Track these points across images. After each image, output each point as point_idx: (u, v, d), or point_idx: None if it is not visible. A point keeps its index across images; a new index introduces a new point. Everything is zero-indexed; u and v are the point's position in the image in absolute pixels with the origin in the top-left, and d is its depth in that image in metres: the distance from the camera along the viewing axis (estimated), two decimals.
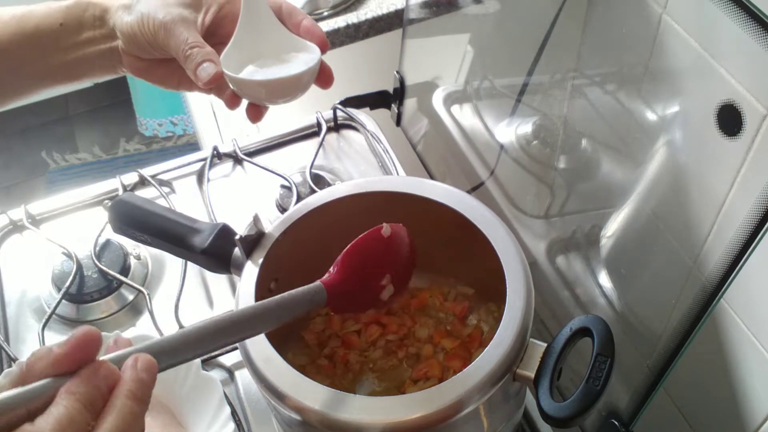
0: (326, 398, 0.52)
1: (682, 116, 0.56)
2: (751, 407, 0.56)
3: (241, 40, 0.60)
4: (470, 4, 0.89)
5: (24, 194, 2.34)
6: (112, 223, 0.68)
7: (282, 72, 0.59)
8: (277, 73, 0.59)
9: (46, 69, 0.64)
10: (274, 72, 0.60)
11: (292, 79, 0.59)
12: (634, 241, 0.66)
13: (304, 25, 0.61)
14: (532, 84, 0.80)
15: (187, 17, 0.59)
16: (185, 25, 0.58)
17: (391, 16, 1.23)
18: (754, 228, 0.48)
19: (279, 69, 0.60)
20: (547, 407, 0.51)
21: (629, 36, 0.60)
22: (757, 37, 0.45)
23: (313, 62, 0.60)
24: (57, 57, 0.62)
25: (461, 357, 0.68)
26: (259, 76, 0.60)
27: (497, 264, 0.59)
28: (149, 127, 2.39)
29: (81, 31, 0.61)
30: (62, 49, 0.62)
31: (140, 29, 0.59)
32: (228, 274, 0.72)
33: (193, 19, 0.59)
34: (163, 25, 0.58)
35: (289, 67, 0.60)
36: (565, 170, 0.78)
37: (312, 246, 0.66)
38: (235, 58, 0.60)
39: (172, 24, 0.58)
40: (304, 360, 0.69)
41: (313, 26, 0.62)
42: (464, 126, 0.95)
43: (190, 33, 0.58)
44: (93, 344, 0.38)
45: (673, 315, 0.58)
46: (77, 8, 0.61)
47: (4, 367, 0.77)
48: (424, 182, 0.67)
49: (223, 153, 0.99)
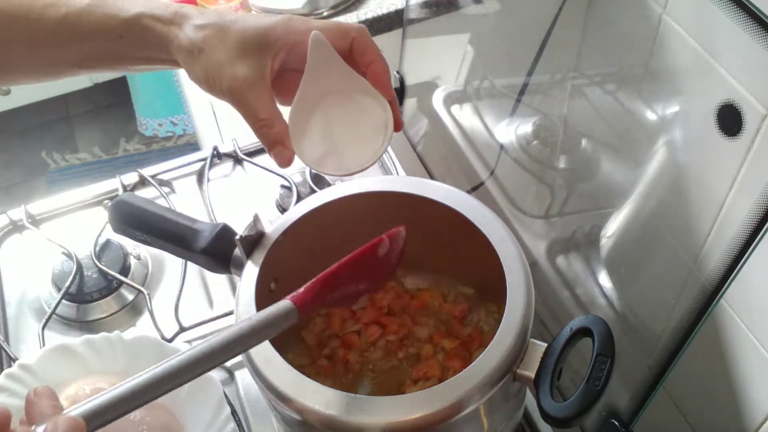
0: (326, 398, 0.52)
1: (682, 116, 0.56)
2: (751, 407, 0.56)
3: (306, 94, 0.56)
4: (470, 4, 0.89)
5: (24, 194, 2.34)
6: (112, 223, 0.68)
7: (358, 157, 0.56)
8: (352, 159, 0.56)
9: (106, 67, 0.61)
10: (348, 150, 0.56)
11: (367, 166, 0.56)
12: (634, 241, 0.66)
13: (372, 71, 0.56)
14: (532, 84, 0.80)
15: (254, 78, 0.54)
16: (254, 92, 0.54)
17: (391, 16, 1.23)
18: (754, 228, 0.48)
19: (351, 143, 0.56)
20: (548, 407, 0.51)
21: (629, 36, 0.60)
22: (757, 37, 0.45)
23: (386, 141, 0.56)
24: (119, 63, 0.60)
25: (461, 357, 0.68)
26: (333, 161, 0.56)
27: (497, 264, 0.59)
28: (149, 127, 2.39)
29: (144, 49, 0.58)
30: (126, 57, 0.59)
31: (209, 86, 0.56)
32: (228, 274, 0.72)
33: (261, 76, 0.54)
34: (230, 92, 0.54)
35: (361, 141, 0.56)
36: (565, 170, 0.78)
37: (312, 246, 0.66)
38: (302, 113, 0.56)
39: (239, 94, 0.54)
40: (304, 360, 0.69)
41: (382, 73, 0.56)
42: (464, 126, 0.95)
43: (259, 103, 0.54)
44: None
45: (673, 315, 0.58)
46: (136, 27, 0.57)
47: (4, 367, 0.77)
48: (424, 182, 0.67)
49: (223, 153, 0.99)
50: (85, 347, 0.73)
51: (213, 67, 0.54)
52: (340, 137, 0.57)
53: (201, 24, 0.55)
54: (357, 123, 0.57)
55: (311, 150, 0.56)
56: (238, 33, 0.55)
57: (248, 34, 0.55)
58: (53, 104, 2.60)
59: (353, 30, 0.56)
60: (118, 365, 0.72)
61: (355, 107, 0.57)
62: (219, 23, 0.55)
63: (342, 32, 0.56)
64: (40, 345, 0.78)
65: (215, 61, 0.54)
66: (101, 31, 0.57)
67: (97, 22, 0.57)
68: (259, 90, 0.54)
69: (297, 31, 0.55)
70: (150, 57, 0.58)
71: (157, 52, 0.58)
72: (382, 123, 0.56)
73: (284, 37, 0.55)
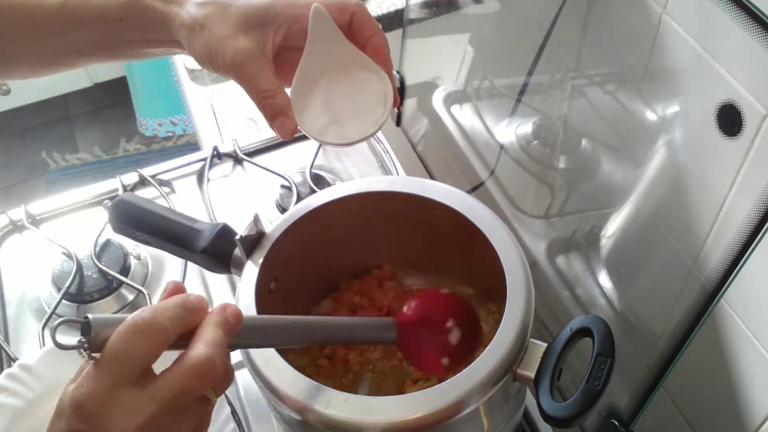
0: (326, 398, 0.52)
1: (682, 116, 0.56)
2: (751, 407, 0.56)
3: (308, 67, 0.57)
4: (470, 4, 0.89)
5: (24, 194, 2.34)
6: (112, 223, 0.68)
7: (359, 127, 0.57)
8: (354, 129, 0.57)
9: (106, 54, 0.61)
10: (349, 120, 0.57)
11: (369, 135, 0.57)
12: (634, 241, 0.66)
13: (372, 45, 0.57)
14: (532, 84, 0.79)
15: (256, 52, 0.55)
16: (256, 64, 0.55)
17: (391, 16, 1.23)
18: (754, 228, 0.48)
19: (352, 114, 0.57)
20: (548, 407, 0.51)
21: (629, 36, 0.60)
22: (757, 37, 0.45)
23: (386, 111, 0.57)
24: (120, 48, 0.60)
25: None
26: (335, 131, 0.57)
27: (497, 264, 0.59)
28: (149, 127, 2.39)
29: (144, 31, 0.58)
30: (125, 42, 0.59)
31: (210, 62, 0.56)
32: (228, 274, 0.72)
33: (262, 50, 0.55)
34: (232, 66, 0.55)
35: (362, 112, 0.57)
36: (565, 170, 0.78)
37: (312, 246, 0.66)
38: (303, 87, 0.57)
39: (242, 66, 0.55)
40: (304, 360, 0.69)
41: (382, 47, 0.57)
42: (464, 126, 0.95)
43: (262, 75, 0.55)
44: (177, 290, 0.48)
45: (673, 315, 0.58)
46: (136, 7, 0.57)
47: (4, 367, 0.77)
48: (424, 182, 0.67)
49: (223, 153, 0.99)
50: None
51: (215, 42, 0.55)
52: (341, 108, 0.58)
53: (202, 1, 0.56)
54: (357, 95, 0.58)
55: (313, 121, 0.57)
56: (240, 9, 0.56)
57: (250, 9, 0.55)
58: (53, 104, 2.61)
59: (352, 4, 0.57)
60: None
61: (356, 80, 0.58)
62: (220, 0, 0.56)
63: (341, 6, 0.56)
64: (40, 345, 0.78)
65: (217, 36, 0.55)
66: (100, 15, 0.58)
67: (96, 6, 0.58)
68: (261, 62, 0.55)
69: (298, 6, 0.56)
70: (151, 39, 0.59)
71: (157, 34, 0.58)
72: (382, 94, 0.57)
73: (285, 12, 0.56)
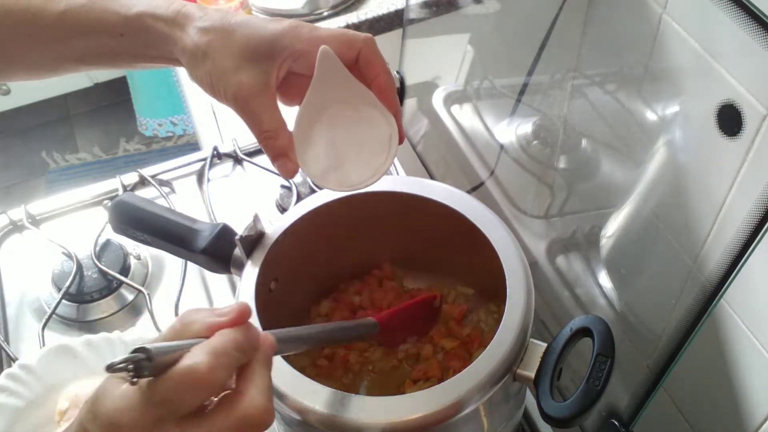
0: (326, 398, 0.52)
1: (682, 116, 0.56)
2: (751, 407, 0.56)
3: (312, 105, 0.55)
4: (470, 4, 0.89)
5: (24, 194, 2.34)
6: (112, 223, 0.68)
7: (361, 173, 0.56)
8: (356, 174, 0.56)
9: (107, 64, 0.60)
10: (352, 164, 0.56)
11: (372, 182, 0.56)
12: (634, 241, 0.66)
13: (378, 85, 0.55)
14: (532, 84, 0.80)
15: (260, 87, 0.53)
16: (259, 101, 0.53)
17: (391, 16, 1.23)
18: (754, 228, 0.48)
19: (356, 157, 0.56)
20: (547, 407, 0.51)
21: (629, 36, 0.60)
22: (757, 37, 0.45)
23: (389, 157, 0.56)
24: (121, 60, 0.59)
25: (461, 357, 0.68)
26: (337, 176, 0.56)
27: (497, 264, 0.59)
28: (149, 127, 2.39)
29: (146, 48, 0.57)
30: (127, 54, 0.58)
31: (212, 92, 0.55)
32: (228, 274, 0.72)
33: (266, 85, 0.53)
34: (234, 100, 0.53)
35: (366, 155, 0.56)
36: (565, 170, 0.78)
37: (312, 246, 0.66)
38: (307, 124, 0.56)
39: (244, 102, 0.53)
40: (305, 361, 0.69)
41: (388, 87, 0.55)
42: (464, 126, 0.95)
43: (264, 113, 0.53)
44: (248, 316, 0.42)
45: (673, 315, 0.58)
46: (137, 26, 0.56)
47: (4, 367, 0.77)
48: (424, 182, 0.67)
49: (223, 153, 0.99)
50: (85, 347, 0.73)
51: (217, 73, 0.53)
52: (344, 151, 0.56)
53: (205, 27, 0.54)
54: (362, 136, 0.56)
55: (315, 163, 0.55)
56: (244, 39, 0.53)
57: (254, 40, 0.53)
58: (53, 104, 2.61)
59: (360, 41, 0.55)
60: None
61: (361, 120, 0.56)
62: (223, 27, 0.54)
63: (349, 42, 0.55)
64: (40, 345, 0.78)
65: (220, 67, 0.53)
66: (102, 29, 0.56)
67: (97, 19, 0.56)
68: (263, 99, 0.53)
69: (304, 40, 0.54)
70: (152, 56, 0.58)
71: (159, 52, 0.57)
72: (387, 137, 0.56)
73: (291, 46, 0.54)
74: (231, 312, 0.41)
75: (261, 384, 0.41)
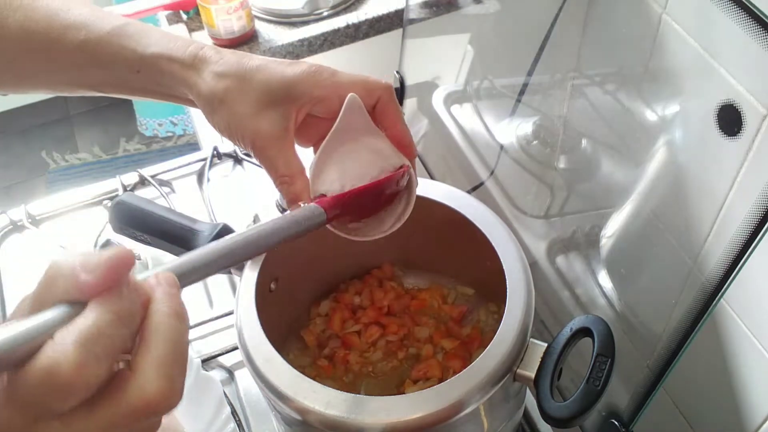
0: (326, 398, 0.52)
1: (682, 116, 0.56)
2: (751, 407, 0.56)
3: (331, 149, 0.55)
4: (470, 4, 0.89)
5: (24, 194, 2.34)
6: (112, 223, 0.68)
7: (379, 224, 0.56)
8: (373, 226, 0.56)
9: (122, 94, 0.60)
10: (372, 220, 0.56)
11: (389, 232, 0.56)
12: (634, 241, 0.66)
13: (394, 134, 0.55)
14: (532, 84, 0.80)
15: (278, 133, 0.53)
16: (276, 147, 0.53)
17: (391, 16, 1.23)
18: (754, 228, 0.48)
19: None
20: (548, 407, 0.51)
21: (629, 36, 0.60)
22: (757, 37, 0.45)
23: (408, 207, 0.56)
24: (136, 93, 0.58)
25: (461, 357, 0.68)
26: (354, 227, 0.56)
27: (497, 264, 0.59)
28: (149, 127, 2.39)
29: (162, 86, 0.56)
30: (143, 90, 0.58)
31: (230, 137, 0.54)
32: (228, 274, 0.72)
33: (285, 130, 0.53)
34: (252, 147, 0.53)
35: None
36: (565, 170, 0.78)
37: (312, 246, 0.66)
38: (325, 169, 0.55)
39: (262, 149, 0.53)
40: (305, 361, 0.69)
41: (404, 136, 0.56)
42: (464, 126, 0.95)
43: (281, 159, 0.53)
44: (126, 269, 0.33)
45: (673, 315, 0.58)
46: (153, 67, 0.55)
47: None
48: (424, 182, 0.67)
49: (223, 153, 0.99)
50: None
51: (235, 119, 0.53)
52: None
53: (221, 72, 0.53)
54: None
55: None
56: (262, 84, 0.53)
57: (272, 86, 0.53)
58: (53, 104, 2.61)
59: (380, 88, 0.54)
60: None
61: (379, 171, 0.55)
62: (240, 72, 0.53)
63: (369, 90, 0.54)
64: None
65: (237, 113, 0.53)
66: (119, 63, 0.56)
67: (115, 54, 0.56)
68: (282, 145, 0.53)
69: (323, 86, 0.53)
70: (168, 94, 0.57)
71: (174, 92, 0.56)
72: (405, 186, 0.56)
73: (310, 92, 0.53)
74: (100, 267, 0.31)
75: (157, 355, 0.33)
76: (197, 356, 0.76)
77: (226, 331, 0.81)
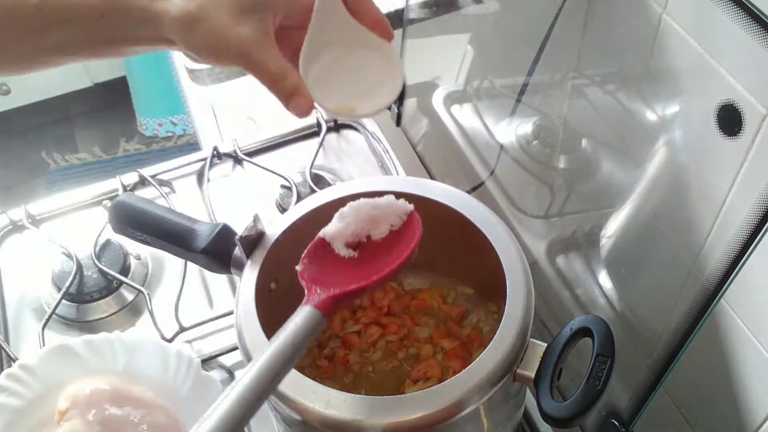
0: (326, 398, 0.52)
1: (682, 116, 0.56)
2: (751, 407, 0.56)
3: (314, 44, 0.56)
4: (470, 4, 0.89)
5: (24, 194, 2.34)
6: (112, 223, 0.68)
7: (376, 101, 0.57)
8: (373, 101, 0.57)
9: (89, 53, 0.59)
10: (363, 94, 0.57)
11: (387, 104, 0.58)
12: (634, 241, 0.66)
13: (370, 17, 0.57)
14: (532, 84, 0.80)
15: (260, 36, 0.54)
16: (262, 48, 0.54)
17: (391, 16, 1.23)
18: (754, 228, 0.48)
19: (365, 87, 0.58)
20: (548, 407, 0.51)
21: (629, 36, 0.60)
22: (757, 37, 0.45)
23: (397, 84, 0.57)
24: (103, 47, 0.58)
25: (461, 357, 0.68)
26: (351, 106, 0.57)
27: (497, 264, 0.59)
28: (149, 127, 2.39)
29: (128, 28, 0.56)
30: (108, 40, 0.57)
31: (214, 54, 0.55)
32: (228, 274, 0.72)
33: (266, 33, 0.54)
34: (238, 55, 0.53)
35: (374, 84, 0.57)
36: (565, 170, 0.78)
37: None
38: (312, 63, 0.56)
39: (248, 54, 0.53)
40: (305, 361, 0.69)
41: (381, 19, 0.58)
42: (464, 126, 0.95)
43: (269, 58, 0.54)
44: None
45: (673, 315, 0.58)
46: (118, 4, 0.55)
47: (4, 367, 0.77)
48: (424, 182, 0.67)
49: (223, 153, 0.99)
50: (85, 347, 0.73)
51: (216, 32, 0.53)
52: (352, 83, 0.57)
53: None
54: (367, 69, 0.58)
55: (326, 98, 0.56)
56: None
57: None
58: (53, 104, 2.60)
59: None
60: (117, 365, 0.72)
61: (363, 54, 0.57)
62: None
63: None
64: (40, 345, 0.78)
65: (216, 26, 0.53)
66: (81, 13, 0.56)
67: (75, 3, 0.56)
68: (266, 46, 0.54)
69: None
70: (135, 37, 0.57)
71: (143, 31, 0.56)
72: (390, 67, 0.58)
73: None
74: None
75: None
76: (197, 356, 0.75)
77: (226, 331, 0.81)
